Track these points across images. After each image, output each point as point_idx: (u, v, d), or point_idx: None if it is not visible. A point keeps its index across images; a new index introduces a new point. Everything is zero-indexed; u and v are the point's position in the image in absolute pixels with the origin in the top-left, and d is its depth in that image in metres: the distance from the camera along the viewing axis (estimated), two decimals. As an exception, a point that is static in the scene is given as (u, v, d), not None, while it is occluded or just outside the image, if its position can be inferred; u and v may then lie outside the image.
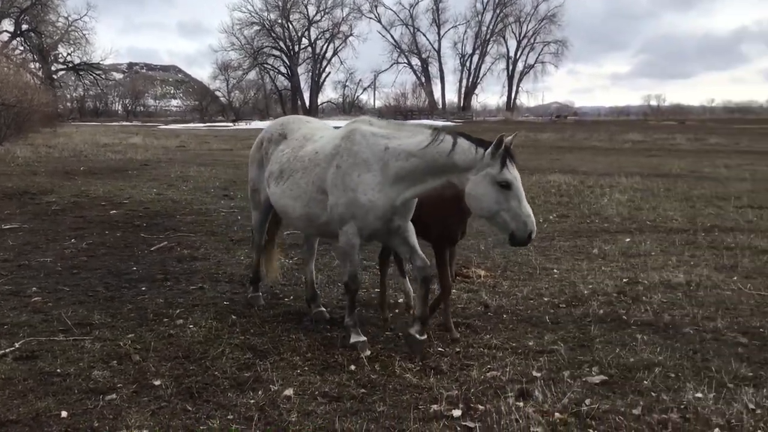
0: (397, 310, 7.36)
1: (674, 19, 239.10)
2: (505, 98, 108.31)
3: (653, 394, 5.14)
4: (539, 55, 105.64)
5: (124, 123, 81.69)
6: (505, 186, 5.39)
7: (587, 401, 5.00)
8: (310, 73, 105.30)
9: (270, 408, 4.93)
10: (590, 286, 8.17)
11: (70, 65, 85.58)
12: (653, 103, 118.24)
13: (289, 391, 5.17)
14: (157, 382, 5.35)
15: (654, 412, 4.83)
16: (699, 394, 5.07)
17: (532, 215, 5.42)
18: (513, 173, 5.41)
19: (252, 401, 5.03)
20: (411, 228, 6.17)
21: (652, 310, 7.22)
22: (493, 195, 5.45)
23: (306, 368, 5.69)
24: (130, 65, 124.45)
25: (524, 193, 5.46)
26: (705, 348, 6.11)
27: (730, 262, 9.37)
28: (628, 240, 11.10)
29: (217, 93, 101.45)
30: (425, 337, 6.06)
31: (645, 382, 5.36)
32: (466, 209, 5.95)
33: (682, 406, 4.90)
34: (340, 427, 4.62)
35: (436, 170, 5.66)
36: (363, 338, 6.14)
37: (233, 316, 7.01)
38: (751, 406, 4.87)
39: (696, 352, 6.02)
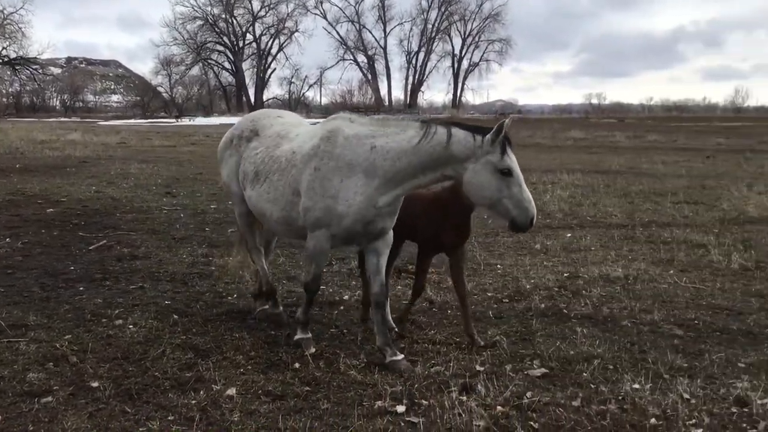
0: (342, 307, 7.34)
1: (614, 19, 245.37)
2: (450, 96, 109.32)
3: (592, 385, 5.25)
4: (484, 53, 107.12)
5: (63, 119, 79.46)
6: (507, 173, 5.24)
7: (528, 394, 5.08)
8: (255, 69, 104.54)
9: (212, 408, 4.86)
10: (532, 281, 8.30)
11: (6, 60, 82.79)
12: (594, 101, 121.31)
13: (231, 391, 5.11)
14: (94, 384, 5.21)
15: (593, 403, 4.94)
16: (636, 385, 5.20)
17: (532, 200, 5.32)
18: (514, 160, 5.28)
19: (193, 402, 4.95)
20: (389, 241, 5.89)
21: (591, 304, 7.38)
22: (494, 183, 5.27)
23: (249, 367, 5.63)
24: (69, 60, 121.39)
25: (522, 180, 5.32)
26: (642, 340, 6.27)
27: (666, 256, 9.63)
28: (569, 235, 11.31)
29: (160, 88, 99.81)
30: (400, 357, 5.68)
31: (584, 374, 5.47)
32: (460, 213, 5.90)
33: (620, 397, 5.02)
34: (283, 426, 4.58)
35: (433, 164, 5.40)
36: (308, 335, 6.05)
37: (175, 316, 6.88)
38: (686, 395, 5.02)
39: (633, 344, 6.17)
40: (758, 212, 13.38)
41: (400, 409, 4.85)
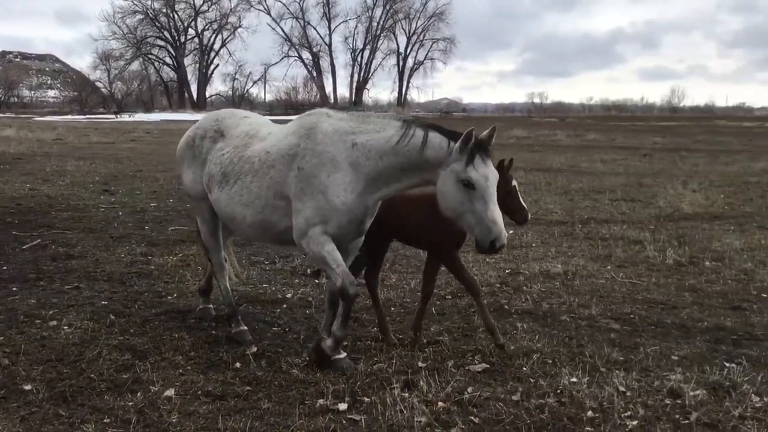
0: (284, 305, 7.28)
1: (555, 20, 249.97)
2: (396, 93, 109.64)
3: (531, 380, 5.33)
4: (428, 51, 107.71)
5: (-4, 114, 76.72)
6: (468, 185, 4.90)
7: (469, 389, 5.13)
8: (198, 65, 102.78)
9: (149, 410, 4.76)
10: (475, 278, 8.36)
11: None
12: (537, 100, 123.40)
13: (170, 392, 5.01)
14: (27, 387, 5.05)
15: (532, 397, 5.01)
16: (574, 379, 5.30)
17: (499, 222, 4.89)
18: (481, 172, 4.89)
19: (130, 403, 4.84)
20: (360, 242, 5.73)
21: (531, 300, 7.49)
22: (457, 194, 4.97)
23: (189, 367, 5.54)
24: (3, 54, 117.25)
25: (495, 196, 4.93)
26: (580, 334, 6.40)
27: (604, 252, 9.85)
28: (510, 232, 11.41)
29: (98, 84, 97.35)
30: (343, 355, 5.54)
31: (524, 368, 5.55)
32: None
33: (558, 391, 5.11)
34: (223, 427, 4.52)
35: (411, 167, 5.15)
36: (343, 355, 5.52)
37: (112, 316, 6.72)
38: (622, 388, 5.13)
39: (572, 338, 6.29)
40: (692, 209, 13.80)
41: (342, 406, 4.84)
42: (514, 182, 5.63)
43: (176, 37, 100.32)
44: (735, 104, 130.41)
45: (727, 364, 5.60)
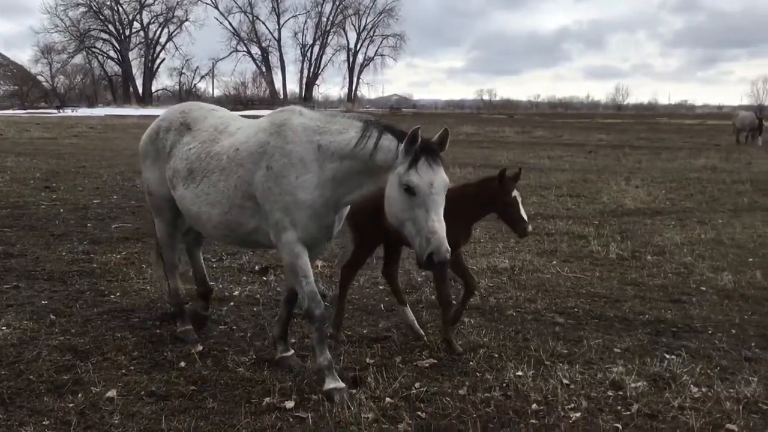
0: (231, 303, 7.19)
1: (503, 18, 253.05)
2: (346, 90, 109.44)
3: (478, 374, 5.38)
4: (378, 47, 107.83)
5: (-70, 108, 73.94)
6: (409, 190, 4.50)
7: (417, 385, 5.16)
8: (143, 59, 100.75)
9: (90, 411, 4.65)
10: (423, 273, 8.41)
11: None
12: (485, 97, 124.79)
13: (112, 393, 4.91)
14: (-39, 391, 4.89)
15: (478, 391, 5.07)
16: (519, 372, 5.37)
17: (439, 233, 4.42)
18: (424, 176, 4.49)
19: (71, 405, 4.73)
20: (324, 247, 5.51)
21: (479, 294, 7.56)
22: (398, 200, 4.58)
23: (132, 368, 5.43)
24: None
25: (440, 204, 4.52)
26: (526, 328, 6.49)
27: (550, 248, 10.01)
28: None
29: (40, 77, 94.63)
30: (290, 353, 5.56)
31: (471, 363, 5.60)
32: (471, 214, 5.78)
33: (504, 384, 5.18)
34: (166, 427, 4.44)
35: (367, 172, 4.85)
36: (342, 384, 5.01)
37: (52, 316, 6.54)
38: (566, 381, 5.23)
39: (518, 332, 6.37)
40: (635, 204, 14.12)
41: (289, 404, 4.81)
42: (515, 193, 5.64)
43: (121, 31, 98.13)
44: (677, 102, 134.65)
45: (667, 356, 5.75)
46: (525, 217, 5.56)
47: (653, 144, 34.95)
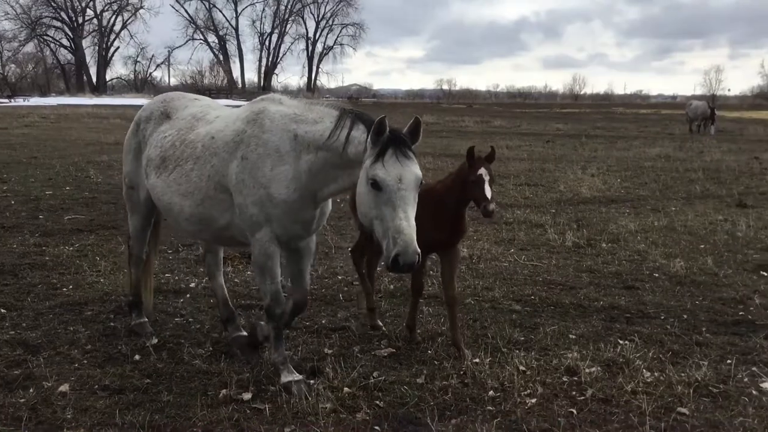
0: (188, 295, 7.11)
1: (463, 8, 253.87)
2: (305, 79, 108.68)
3: (436, 362, 5.41)
4: (338, 37, 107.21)
5: None
6: (375, 186, 4.18)
7: (375, 374, 5.17)
8: (97, 47, 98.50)
9: (42, 406, 4.56)
10: (381, 263, 8.41)
11: None
12: (445, 87, 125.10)
13: (64, 387, 4.81)
14: None
15: (436, 379, 5.09)
16: (477, 360, 5.41)
17: (406, 233, 4.08)
18: (391, 170, 4.16)
19: (22, 400, 4.63)
20: (313, 243, 5.22)
21: (437, 284, 7.58)
22: (365, 196, 4.28)
23: (85, 361, 5.34)
24: None
25: (409, 202, 4.18)
26: (483, 316, 6.54)
27: (508, 236, 10.09)
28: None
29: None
30: (298, 376, 4.98)
31: (429, 351, 5.63)
32: (455, 208, 5.39)
33: (462, 372, 5.21)
34: (121, 421, 4.37)
35: (342, 165, 4.57)
36: (297, 376, 4.93)
37: (2, 310, 6.39)
38: (522, 367, 5.29)
39: (475, 320, 6.42)
40: (590, 193, 14.33)
41: (246, 396, 4.78)
42: (483, 171, 5.25)
43: (73, 18, 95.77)
44: (632, 92, 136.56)
45: (621, 342, 5.85)
46: (488, 196, 5.18)
47: (609, 133, 35.48)
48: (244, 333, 5.79)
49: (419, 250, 4.13)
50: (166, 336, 5.91)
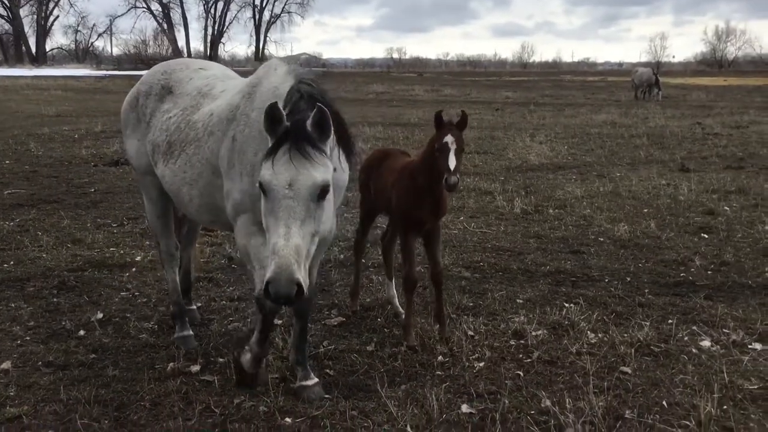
0: (134, 269, 6.98)
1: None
2: (253, 48, 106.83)
3: (386, 330, 5.46)
4: (285, 4, 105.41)
5: None
6: (261, 188, 3.58)
7: (325, 343, 5.18)
8: (35, 16, 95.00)
9: (-17, 385, 4.45)
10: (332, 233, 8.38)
11: None
12: (395, 56, 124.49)
13: (6, 365, 4.72)
14: None
15: (386, 346, 5.13)
16: (426, 327, 5.46)
17: (282, 254, 3.36)
18: (279, 173, 3.49)
19: (-39, 380, 4.51)
20: (327, 241, 4.54)
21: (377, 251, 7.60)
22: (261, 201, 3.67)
23: (28, 338, 5.22)
24: None
25: (297, 214, 3.47)
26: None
27: (458, 204, 10.15)
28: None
29: None
30: (314, 380, 4.46)
31: (379, 320, 5.66)
32: (432, 184, 4.95)
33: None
34: (65, 397, 4.30)
35: None
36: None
37: (-61, 288, 6.19)
38: (470, 332, 5.36)
39: (425, 288, 6.45)
40: (539, 160, 14.49)
41: (195, 368, 4.75)
42: (449, 139, 4.82)
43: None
44: (580, 60, 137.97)
45: (566, 305, 5.97)
46: (451, 167, 4.72)
47: (557, 101, 35.86)
48: (194, 307, 5.67)
49: (301, 280, 3.35)
50: (112, 311, 5.81)
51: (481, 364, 4.85)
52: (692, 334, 5.43)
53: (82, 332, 5.33)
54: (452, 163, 4.74)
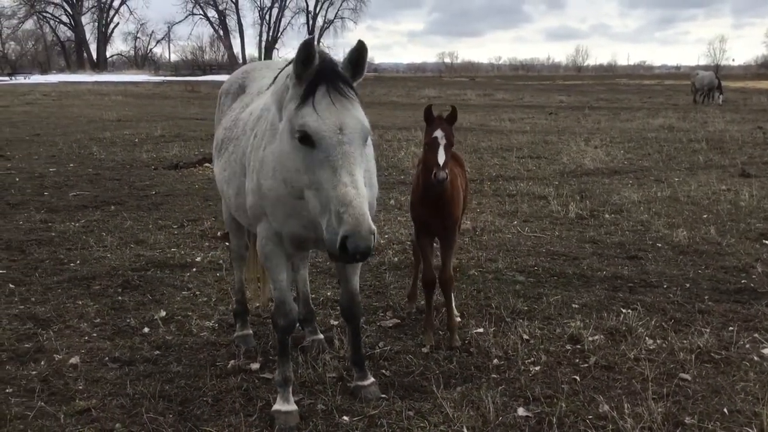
0: (194, 269, 7.16)
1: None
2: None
3: (440, 332, 5.47)
4: (338, 10, 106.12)
5: None
6: (305, 140, 3.22)
7: (381, 344, 5.24)
8: (96, 24, 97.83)
9: (54, 378, 4.65)
10: (386, 236, 8.47)
11: None
12: (447, 60, 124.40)
13: (75, 359, 4.90)
14: None
15: (441, 348, 5.16)
16: (481, 330, 5.48)
17: (355, 204, 3.09)
18: (327, 118, 3.19)
19: (33, 372, 4.73)
20: None
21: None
22: (291, 157, 3.36)
23: (95, 334, 5.41)
24: None
25: (356, 161, 3.22)
26: (487, 287, 6.59)
27: (511, 208, 10.12)
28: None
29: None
30: (370, 380, 4.48)
31: (434, 322, 5.68)
32: (432, 186, 4.81)
33: (466, 341, 5.28)
34: (132, 391, 4.46)
35: None
36: (290, 407, 4.14)
37: (11, 285, 6.46)
38: (525, 336, 5.35)
39: (479, 291, 6.47)
40: (594, 165, 14.31)
41: (255, 366, 4.87)
42: (438, 134, 4.74)
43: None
44: (635, 63, 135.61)
45: (624, 310, 5.90)
46: (440, 162, 4.61)
47: (612, 105, 35.30)
48: (321, 336, 5.23)
49: (374, 228, 3.11)
50: (174, 309, 5.97)
51: (537, 368, 4.84)
52: (754, 341, 5.31)
53: (146, 329, 5.50)
54: (441, 158, 4.68)
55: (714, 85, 35.19)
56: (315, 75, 3.25)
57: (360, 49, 3.33)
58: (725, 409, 4.25)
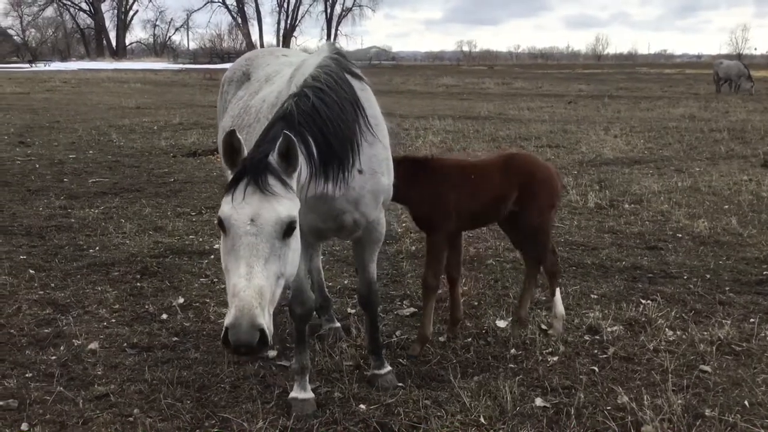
0: (212, 256, 7.19)
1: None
2: (324, 41, 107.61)
3: (464, 322, 5.45)
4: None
5: None
6: (220, 224, 3.22)
7: (398, 332, 5.24)
8: (116, 11, 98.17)
9: (73, 363, 4.69)
10: (404, 225, 8.44)
11: None
12: (465, 48, 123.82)
13: (94, 345, 4.94)
14: (-58, 346, 4.88)
15: (458, 338, 5.15)
16: (499, 320, 5.45)
17: (242, 296, 3.03)
18: (240, 209, 3.14)
19: (53, 357, 4.77)
20: (377, 233, 4.30)
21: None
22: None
23: (113, 320, 5.45)
24: None
25: (260, 253, 3.11)
26: (505, 277, 6.56)
27: (529, 197, 10.03)
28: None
29: (10, 31, 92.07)
30: (387, 369, 4.51)
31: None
32: (431, 185, 4.80)
33: (484, 331, 5.27)
34: (150, 377, 4.49)
35: None
36: (308, 395, 4.19)
37: (31, 271, 6.51)
38: (544, 327, 5.32)
39: (497, 281, 6.44)
40: (613, 154, 14.18)
41: (272, 353, 4.88)
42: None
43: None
44: (656, 52, 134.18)
45: (643, 301, 5.85)
46: None
47: (632, 94, 34.94)
48: (337, 324, 5.27)
49: (264, 326, 3.03)
50: (192, 296, 6.00)
51: (555, 359, 4.81)
52: (776, 333, 5.25)
53: (164, 316, 5.53)
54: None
55: (744, 74, 34.58)
56: (242, 167, 3.21)
57: (287, 143, 3.20)
58: (746, 402, 4.20)
